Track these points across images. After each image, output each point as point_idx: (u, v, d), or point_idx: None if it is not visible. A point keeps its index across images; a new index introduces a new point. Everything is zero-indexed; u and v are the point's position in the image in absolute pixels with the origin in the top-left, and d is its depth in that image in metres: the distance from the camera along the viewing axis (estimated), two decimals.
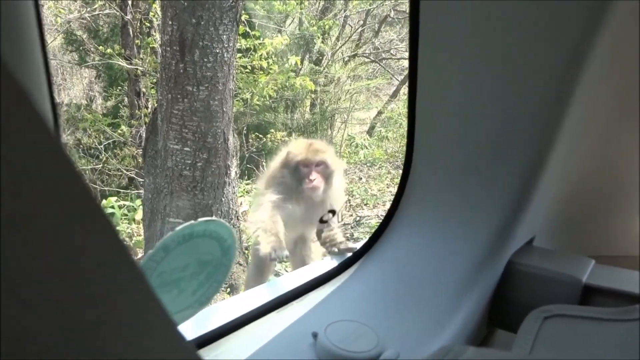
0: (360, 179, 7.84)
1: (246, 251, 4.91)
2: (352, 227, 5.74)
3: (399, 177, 1.11)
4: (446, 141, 1.01)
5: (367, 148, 8.69)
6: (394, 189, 7.16)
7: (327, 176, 2.62)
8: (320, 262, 1.27)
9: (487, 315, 1.07)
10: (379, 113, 9.43)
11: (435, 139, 1.01)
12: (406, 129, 1.07)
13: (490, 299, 1.05)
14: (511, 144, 0.98)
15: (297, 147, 2.73)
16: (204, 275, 0.67)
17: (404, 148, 1.08)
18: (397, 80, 9.35)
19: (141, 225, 5.39)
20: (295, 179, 2.64)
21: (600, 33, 0.83)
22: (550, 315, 0.92)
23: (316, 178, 2.58)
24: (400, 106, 9.11)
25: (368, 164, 8.38)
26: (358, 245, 1.16)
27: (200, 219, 0.65)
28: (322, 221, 2.18)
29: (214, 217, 0.66)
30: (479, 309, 1.02)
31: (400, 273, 1.01)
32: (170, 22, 4.20)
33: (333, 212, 2.43)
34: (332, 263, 1.10)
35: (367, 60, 9.52)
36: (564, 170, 1.14)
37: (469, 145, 1.01)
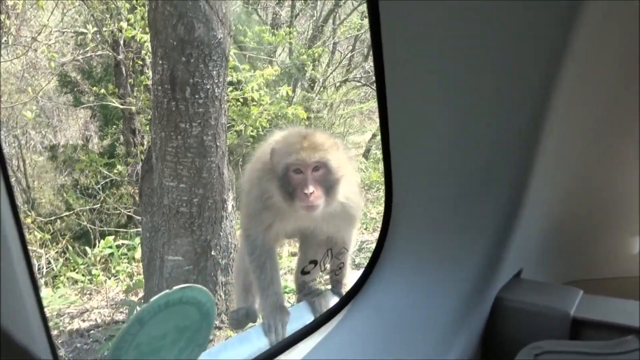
0: None
1: None
2: (353, 254, 5.71)
3: None
4: (425, 180, 1.02)
5: (363, 171, 8.70)
6: None
7: (330, 185, 1.91)
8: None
9: (480, 353, 1.06)
10: (374, 136, 9.48)
11: (414, 179, 1.02)
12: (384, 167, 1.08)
13: (481, 337, 1.05)
14: (491, 178, 0.98)
15: (285, 142, 2.00)
16: (183, 341, 0.67)
17: None
18: None
19: (141, 264, 5.37)
20: (283, 192, 1.95)
21: (573, 48, 0.82)
22: (541, 352, 0.92)
23: (313, 191, 1.86)
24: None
25: (365, 187, 8.39)
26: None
27: (175, 287, 0.65)
28: (304, 272, 1.92)
29: (190, 284, 0.66)
30: (470, 347, 1.02)
31: (388, 318, 1.01)
32: (160, 62, 4.26)
33: (315, 262, 1.97)
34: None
35: (358, 84, 9.61)
36: (547, 200, 1.15)
37: (448, 183, 1.02)
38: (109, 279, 5.69)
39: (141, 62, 7.06)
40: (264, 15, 8.99)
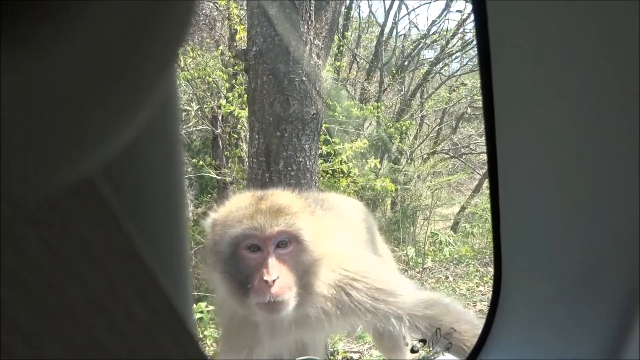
0: (447, 277, 7.54)
1: None
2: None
3: (488, 276, 1.07)
4: (537, 264, 0.98)
5: (452, 245, 8.43)
6: (483, 288, 6.81)
7: (305, 270, 1.32)
8: None
9: None
10: (462, 208, 9.24)
11: (526, 262, 0.98)
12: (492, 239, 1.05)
13: None
14: (612, 258, 0.93)
15: (232, 207, 1.42)
16: None
17: (491, 244, 1.04)
18: (479, 174, 9.23)
19: None
20: (230, 283, 1.34)
21: None
22: None
23: (278, 276, 1.24)
24: (484, 201, 8.90)
25: (454, 262, 8.09)
26: None
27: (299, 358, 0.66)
28: (413, 351, 1.42)
29: (310, 357, 0.67)
30: None
31: None
32: (256, 136, 4.51)
33: (424, 341, 1.41)
34: None
35: (446, 156, 9.54)
36: None
37: (563, 268, 0.97)
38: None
39: (236, 136, 7.50)
40: (353, 90, 9.32)
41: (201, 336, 5.95)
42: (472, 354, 1.09)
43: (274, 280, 1.25)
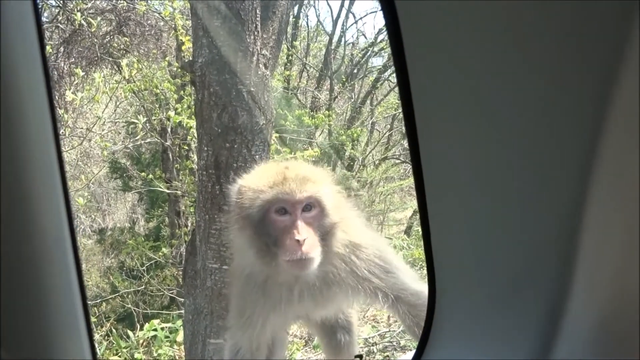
0: None
1: None
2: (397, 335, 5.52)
3: None
4: (467, 275, 1.00)
5: (406, 249, 8.56)
6: None
7: (327, 231, 1.46)
8: None
9: None
10: (415, 212, 9.40)
11: (457, 274, 1.01)
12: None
13: None
14: (535, 269, 0.96)
15: (260, 175, 1.51)
16: None
17: None
18: None
19: (183, 347, 5.32)
20: (259, 245, 1.44)
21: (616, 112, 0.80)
22: None
23: (307, 236, 1.37)
24: None
25: (409, 265, 8.22)
26: None
27: None
28: None
29: None
30: None
31: None
32: (205, 148, 4.45)
33: (360, 357, 1.46)
34: None
35: (397, 161, 9.70)
36: (595, 289, 1.10)
37: (491, 278, 1.00)
38: None
39: (187, 148, 7.38)
40: (304, 99, 9.36)
41: (156, 355, 5.81)
42: (417, 353, 1.11)
43: (304, 240, 1.34)
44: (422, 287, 1.77)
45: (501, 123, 0.87)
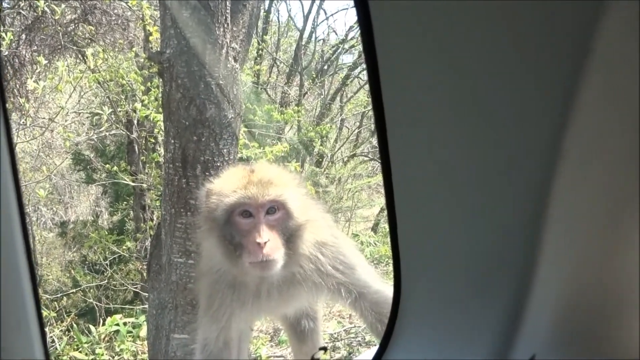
0: None
1: None
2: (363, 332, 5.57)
3: None
4: (433, 266, 1.02)
5: (372, 245, 8.64)
6: None
7: (291, 234, 1.48)
8: None
9: None
10: (382, 209, 9.50)
11: (422, 265, 1.03)
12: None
13: None
14: (499, 261, 0.98)
15: (226, 178, 1.61)
16: None
17: None
18: None
19: (146, 342, 5.24)
20: (225, 246, 1.50)
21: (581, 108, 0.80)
22: None
23: (269, 239, 1.41)
24: None
25: (375, 262, 8.29)
26: None
27: None
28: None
29: None
30: None
31: None
32: (172, 141, 4.38)
33: (325, 349, 1.52)
34: None
35: (366, 158, 9.77)
36: (557, 283, 1.14)
37: (456, 269, 1.02)
38: (113, 358, 5.54)
39: (153, 140, 7.26)
40: (273, 94, 9.32)
41: (118, 350, 5.71)
42: (378, 353, 1.12)
43: (265, 242, 1.39)
44: (384, 286, 1.82)
45: (468, 121, 0.88)
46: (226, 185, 1.49)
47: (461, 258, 1.00)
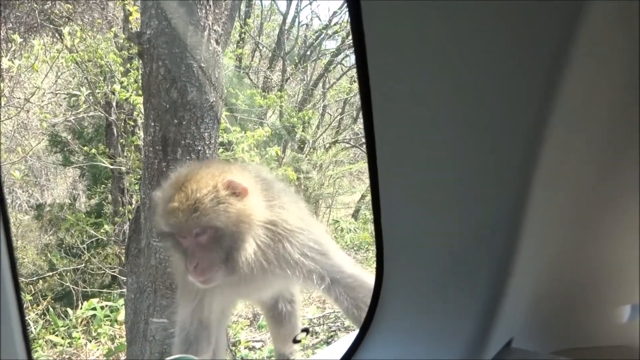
0: None
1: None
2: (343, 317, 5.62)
3: None
4: (415, 248, 1.03)
5: (353, 232, 8.69)
6: None
7: (228, 246, 1.49)
8: None
9: None
10: (363, 196, 9.54)
11: (405, 245, 1.03)
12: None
13: None
14: (480, 245, 0.99)
15: (164, 192, 1.57)
16: None
17: None
18: None
19: (124, 326, 5.21)
20: (179, 257, 1.60)
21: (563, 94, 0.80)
22: None
23: (198, 262, 1.44)
24: None
25: (355, 248, 8.35)
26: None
27: (169, 358, 0.64)
28: (296, 341, 1.73)
29: (182, 355, 0.65)
30: None
31: None
32: (152, 124, 4.32)
33: (307, 330, 1.72)
34: None
35: (347, 145, 9.78)
36: (535, 268, 1.15)
37: (438, 250, 1.02)
38: (90, 342, 5.51)
39: (132, 123, 7.15)
40: (256, 79, 9.24)
41: (95, 334, 5.66)
42: (348, 353, 1.12)
43: (194, 267, 1.44)
44: (358, 271, 1.84)
45: (452, 109, 0.88)
46: (159, 205, 1.49)
47: (443, 243, 1.01)
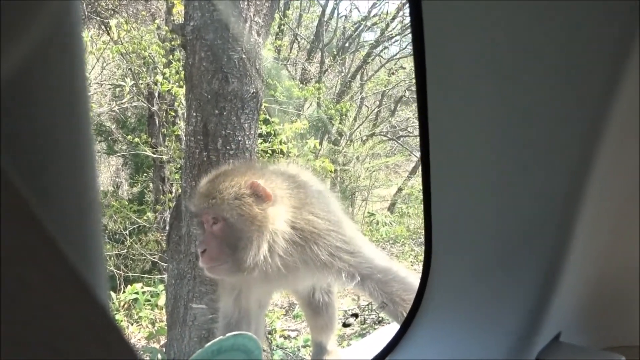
0: None
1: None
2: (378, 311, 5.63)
3: (422, 255, 1.11)
4: (464, 240, 1.03)
5: (388, 225, 8.66)
6: (418, 267, 7.06)
7: (236, 241, 1.54)
8: None
9: None
10: (399, 189, 9.49)
11: (454, 237, 1.03)
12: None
13: None
14: (532, 238, 0.99)
15: (203, 181, 1.72)
16: None
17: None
18: (416, 156, 9.48)
19: (164, 311, 5.36)
20: None
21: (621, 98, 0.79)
22: None
23: (206, 248, 1.55)
24: (420, 182, 9.15)
25: (390, 242, 8.32)
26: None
27: (228, 334, 0.67)
28: (346, 325, 1.73)
29: (241, 332, 0.68)
30: None
31: None
32: (194, 114, 4.41)
33: (356, 315, 1.73)
34: None
35: (384, 138, 9.72)
36: (587, 262, 1.14)
37: (489, 242, 1.02)
38: (132, 324, 5.69)
39: (174, 114, 7.30)
40: (294, 70, 9.28)
41: (136, 317, 5.84)
42: (386, 349, 1.13)
43: (201, 252, 1.52)
44: (391, 264, 1.84)
45: (510, 106, 0.88)
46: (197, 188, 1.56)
47: (494, 236, 1.01)
